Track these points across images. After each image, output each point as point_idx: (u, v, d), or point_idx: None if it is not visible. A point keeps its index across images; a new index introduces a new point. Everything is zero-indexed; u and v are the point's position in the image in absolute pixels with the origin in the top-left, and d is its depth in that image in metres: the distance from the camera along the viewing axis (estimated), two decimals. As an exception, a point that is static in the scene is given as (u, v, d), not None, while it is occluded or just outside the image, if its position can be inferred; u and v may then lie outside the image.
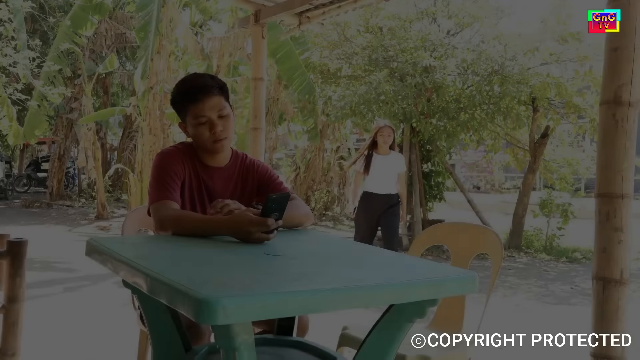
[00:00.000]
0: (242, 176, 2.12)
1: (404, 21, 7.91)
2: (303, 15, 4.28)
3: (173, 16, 9.59)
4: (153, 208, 1.89)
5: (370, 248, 1.78)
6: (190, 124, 1.97)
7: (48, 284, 5.32)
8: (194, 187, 2.02)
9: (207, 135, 1.96)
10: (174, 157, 1.99)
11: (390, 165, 5.11)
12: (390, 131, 5.11)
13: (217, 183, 2.06)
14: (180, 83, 2.01)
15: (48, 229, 9.73)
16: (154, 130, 9.62)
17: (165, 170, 1.94)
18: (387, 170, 5.10)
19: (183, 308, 1.05)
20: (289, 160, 13.66)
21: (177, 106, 2.00)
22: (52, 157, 16.02)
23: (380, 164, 5.10)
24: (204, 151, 2.03)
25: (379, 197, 5.09)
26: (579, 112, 7.49)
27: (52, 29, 13.13)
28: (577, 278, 6.46)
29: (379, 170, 5.08)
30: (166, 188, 1.91)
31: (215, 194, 2.05)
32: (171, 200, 1.90)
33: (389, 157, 5.14)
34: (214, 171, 2.06)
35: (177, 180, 1.95)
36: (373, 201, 5.09)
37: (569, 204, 8.26)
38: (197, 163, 2.04)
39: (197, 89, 1.94)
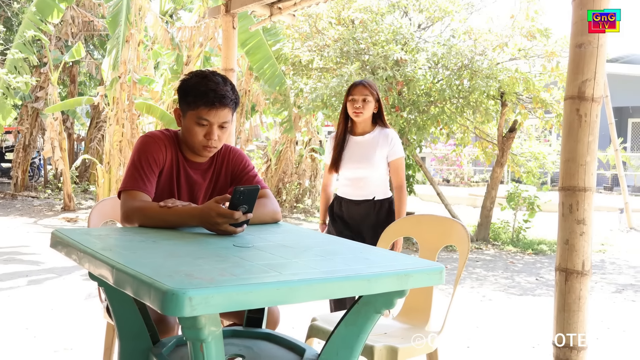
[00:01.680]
0: (217, 167, 2.13)
1: (376, 14, 7.93)
2: (274, 7, 4.26)
3: (142, 4, 9.43)
4: (123, 196, 1.87)
5: (339, 240, 1.79)
6: (190, 119, 1.94)
7: (12, 276, 5.21)
8: (173, 175, 2.02)
9: (200, 138, 1.95)
10: (157, 143, 1.97)
11: (373, 151, 3.11)
12: (366, 92, 3.07)
13: (196, 175, 2.07)
14: (202, 78, 1.93)
15: (12, 221, 9.50)
16: (121, 121, 9.46)
17: (145, 155, 1.93)
18: (367, 159, 3.11)
19: (149, 300, 1.04)
20: (260, 152, 13.60)
21: (187, 97, 1.93)
22: (17, 147, 15.63)
23: (357, 151, 3.15)
24: (189, 147, 2.02)
25: (356, 205, 3.15)
26: (546, 107, 7.63)
27: (16, 15, 12.78)
28: (542, 270, 6.61)
29: (354, 160, 3.14)
30: (141, 177, 1.89)
31: (195, 185, 2.06)
32: (142, 191, 1.88)
33: (370, 138, 3.14)
34: (192, 163, 2.06)
35: (154, 169, 1.94)
36: (347, 213, 3.19)
37: (536, 197, 8.43)
38: (179, 154, 2.03)
39: (216, 96, 1.90)
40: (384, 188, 3.19)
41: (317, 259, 1.43)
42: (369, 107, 3.10)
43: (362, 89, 3.11)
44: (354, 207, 3.17)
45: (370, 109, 3.11)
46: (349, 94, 3.12)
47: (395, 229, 2.50)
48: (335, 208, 3.27)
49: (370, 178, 3.13)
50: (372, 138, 3.15)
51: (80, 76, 17.66)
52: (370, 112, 3.12)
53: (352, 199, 3.18)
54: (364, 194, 3.14)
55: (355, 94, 3.10)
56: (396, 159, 3.15)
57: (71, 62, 13.66)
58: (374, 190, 3.15)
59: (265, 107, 11.46)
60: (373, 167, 3.11)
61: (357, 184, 3.16)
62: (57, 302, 4.40)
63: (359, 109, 3.08)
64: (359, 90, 3.10)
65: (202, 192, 2.09)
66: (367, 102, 3.08)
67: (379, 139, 3.14)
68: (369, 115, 3.12)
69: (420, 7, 8.41)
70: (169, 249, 1.45)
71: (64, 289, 4.83)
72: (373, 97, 3.11)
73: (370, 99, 3.09)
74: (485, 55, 7.42)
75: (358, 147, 3.16)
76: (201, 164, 2.08)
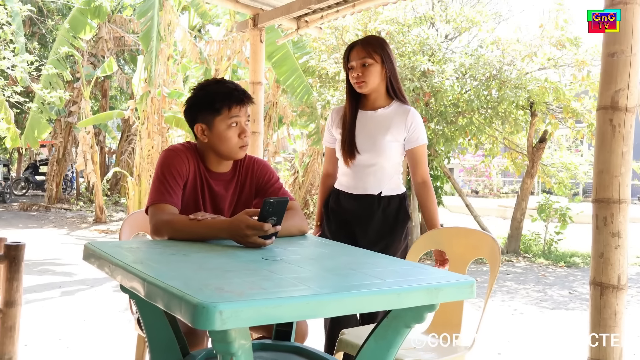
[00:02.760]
0: (241, 179, 2.12)
1: (402, 25, 7.93)
2: (301, 20, 4.29)
3: (171, 20, 9.61)
4: (151, 210, 1.88)
5: (368, 253, 1.78)
6: (221, 125, 1.94)
7: (45, 287, 5.31)
8: (197, 187, 2.02)
9: (235, 140, 1.97)
10: (180, 155, 1.98)
11: (383, 131, 2.41)
12: (363, 54, 2.37)
13: (218, 187, 2.06)
14: (216, 83, 1.98)
15: (46, 232, 9.71)
16: (152, 134, 9.62)
17: (169, 169, 1.93)
18: (374, 140, 2.42)
19: (180, 313, 1.05)
20: (288, 164, 13.67)
21: (214, 104, 1.93)
22: (51, 160, 16.02)
23: (363, 130, 2.45)
24: (221, 155, 2.01)
25: (355, 201, 2.48)
26: (577, 117, 7.51)
27: (50, 32, 13.14)
28: (575, 283, 6.46)
29: (358, 140, 2.44)
30: (167, 190, 1.90)
31: (218, 197, 2.05)
32: (170, 204, 1.88)
33: (382, 115, 2.45)
34: (214, 175, 2.06)
35: (179, 182, 1.94)
36: (344, 209, 2.51)
37: (567, 209, 8.28)
38: (201, 164, 2.04)
39: (242, 92, 1.95)
40: (395, 182, 2.48)
41: (346, 272, 1.42)
42: (372, 72, 2.37)
43: (359, 50, 2.39)
44: (353, 203, 2.47)
45: (375, 75, 2.38)
46: (347, 60, 2.45)
47: (424, 241, 2.47)
48: (331, 203, 2.57)
49: (378, 167, 2.42)
50: (385, 115, 2.43)
51: (112, 90, 18.05)
52: (377, 79, 2.39)
53: (351, 193, 2.49)
54: (366, 187, 2.45)
55: (352, 59, 2.41)
56: (417, 146, 2.43)
57: (103, 77, 13.96)
58: (380, 182, 2.44)
59: (292, 119, 11.53)
60: (382, 153, 2.40)
61: (360, 173, 2.45)
62: (89, 313, 4.47)
63: (360, 77, 2.38)
64: (356, 53, 2.40)
65: (227, 204, 2.08)
66: (369, 67, 2.36)
67: (393, 117, 2.41)
68: (375, 83, 2.39)
69: (447, 17, 8.39)
70: (199, 262, 1.46)
71: (95, 301, 4.90)
72: (376, 60, 2.37)
73: (371, 61, 2.36)
74: (513, 65, 7.35)
75: (365, 124, 2.45)
76: (224, 174, 2.07)
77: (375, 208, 2.43)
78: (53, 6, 13.12)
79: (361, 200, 2.46)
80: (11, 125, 9.31)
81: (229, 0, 4.10)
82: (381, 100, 2.46)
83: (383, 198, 2.44)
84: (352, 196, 2.48)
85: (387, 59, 2.40)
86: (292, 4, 4.00)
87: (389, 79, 2.42)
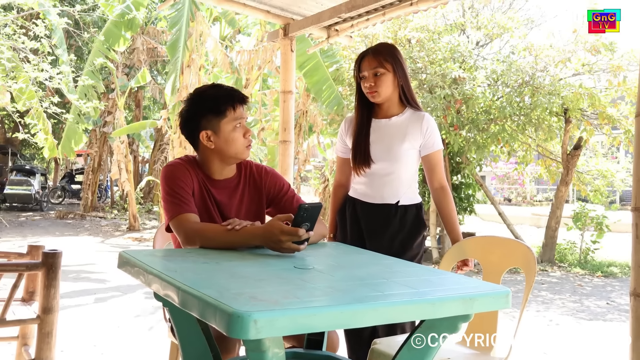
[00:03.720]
0: (248, 186, 2.11)
1: (433, 33, 7.89)
2: (331, 29, 4.31)
3: (203, 30, 9.75)
4: (175, 223, 1.87)
5: (400, 262, 1.76)
6: (227, 128, 1.95)
7: (80, 293, 5.41)
8: (202, 198, 2.01)
9: (242, 140, 1.98)
10: (181, 169, 1.98)
11: (399, 139, 2.38)
12: (375, 64, 2.35)
13: (223, 195, 2.05)
14: (213, 87, 2.02)
15: (81, 240, 9.91)
16: (185, 143, 9.75)
17: (176, 182, 1.93)
18: (389, 148, 2.39)
19: (214, 322, 1.05)
20: (318, 172, 13.68)
21: (219, 107, 1.95)
22: (87, 169, 16.39)
23: (378, 138, 2.42)
24: (227, 159, 2.01)
25: (372, 211, 2.44)
26: (613, 123, 7.34)
27: (86, 44, 13.47)
28: (614, 293, 6.29)
29: (374, 149, 2.41)
30: (182, 201, 1.90)
31: (222, 205, 2.04)
32: (191, 212, 1.89)
33: (396, 122, 2.42)
34: (218, 183, 2.05)
35: (189, 191, 1.94)
36: (360, 219, 2.48)
37: (604, 217, 8.08)
38: (203, 175, 2.03)
39: (238, 92, 1.99)
40: (412, 191, 2.45)
41: (379, 282, 1.40)
42: (385, 82, 2.34)
43: (371, 60, 2.36)
44: (370, 212, 2.44)
45: (387, 84, 2.35)
46: (358, 69, 2.41)
47: (457, 250, 2.44)
48: (348, 211, 2.51)
49: (394, 175, 2.39)
50: (400, 122, 2.40)
51: (145, 100, 18.39)
52: (389, 88, 2.36)
53: (368, 202, 2.44)
54: (384, 196, 2.41)
55: (364, 69, 2.38)
56: (433, 152, 2.40)
57: (136, 87, 14.24)
58: (398, 191, 2.40)
59: (322, 128, 11.55)
60: (399, 161, 2.38)
61: (376, 182, 2.42)
62: (123, 320, 4.54)
63: (373, 87, 2.35)
64: (368, 63, 2.37)
65: (233, 213, 2.05)
66: (381, 76, 2.33)
67: (408, 124, 2.38)
68: (388, 92, 2.36)
69: (478, 24, 8.32)
70: (231, 270, 1.46)
71: (129, 307, 4.98)
72: (388, 69, 2.34)
73: (382, 71, 2.33)
74: (547, 71, 7.24)
75: (380, 133, 2.41)
76: (228, 180, 2.06)
77: (392, 217, 2.40)
78: (89, 19, 13.46)
79: (378, 210, 2.42)
80: (49, 136, 9.55)
81: (260, 11, 4.14)
82: (395, 108, 2.43)
83: (400, 207, 2.41)
84: (369, 205, 2.44)
85: (398, 67, 2.37)
86: (322, 13, 4.03)
87: (401, 86, 2.39)
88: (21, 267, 2.26)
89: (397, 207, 2.40)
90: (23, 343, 2.61)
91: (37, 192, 16.06)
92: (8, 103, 8.18)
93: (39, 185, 16.53)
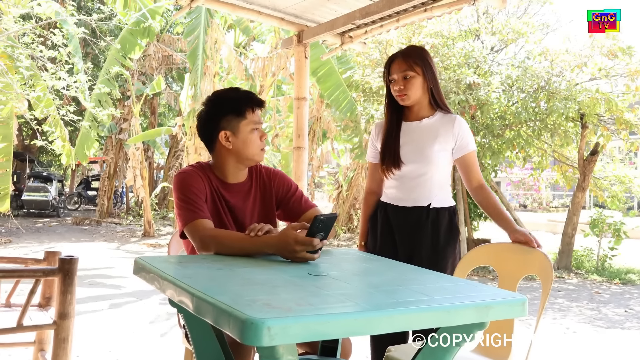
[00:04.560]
0: (260, 189, 2.13)
1: (447, 39, 7.87)
2: (345, 35, 4.31)
3: (217, 38, 9.81)
4: (190, 229, 1.88)
5: (414, 269, 1.75)
6: (245, 129, 2.00)
7: (95, 299, 5.45)
8: (217, 203, 2.03)
9: (258, 142, 2.03)
10: (194, 176, 2.00)
11: (430, 141, 2.35)
12: (405, 67, 2.33)
13: (236, 199, 2.06)
14: (232, 90, 2.07)
15: (97, 246, 9.99)
16: (200, 150, 9.81)
17: (190, 189, 1.95)
18: (421, 151, 2.35)
19: (228, 328, 1.05)
20: (332, 179, 13.68)
21: (240, 107, 2.00)
22: (103, 176, 16.54)
23: (409, 141, 2.39)
24: (243, 160, 2.04)
25: (403, 214, 2.38)
26: (631, 128, 7.25)
27: (102, 52, 13.62)
28: (632, 301, 6.20)
29: (405, 152, 2.37)
30: (196, 207, 1.91)
31: (236, 210, 2.06)
32: (205, 218, 1.90)
33: (427, 124, 2.39)
34: (231, 187, 2.07)
35: (202, 198, 1.96)
36: (392, 223, 2.42)
37: (622, 223, 7.97)
38: (215, 180, 2.05)
39: (258, 97, 2.03)
40: (445, 193, 2.40)
41: (393, 288, 1.40)
42: (414, 85, 2.33)
43: (400, 63, 2.35)
44: (401, 216, 2.39)
45: (417, 87, 2.33)
46: (388, 72, 2.41)
47: (472, 257, 2.42)
48: (379, 216, 2.47)
49: (427, 177, 2.35)
50: (431, 124, 2.37)
51: (160, 107, 18.54)
52: (419, 91, 2.34)
53: (399, 205, 2.40)
54: (415, 199, 2.36)
55: (393, 72, 2.37)
56: (467, 153, 2.37)
57: (152, 94, 14.36)
58: (429, 194, 2.35)
59: (336, 134, 11.55)
60: (430, 163, 2.34)
61: (407, 185, 2.38)
62: (138, 325, 4.56)
63: (402, 90, 2.34)
64: (397, 66, 2.35)
65: (247, 216, 2.07)
66: (411, 79, 2.32)
67: (439, 126, 2.36)
68: (417, 95, 2.35)
69: (493, 29, 8.28)
70: (246, 277, 1.46)
71: (144, 313, 5.00)
72: (417, 72, 2.33)
73: (412, 74, 2.32)
74: (562, 76, 7.18)
75: (411, 135, 2.39)
76: (241, 184, 2.08)
77: (423, 221, 2.33)
78: (105, 27, 13.61)
79: (409, 213, 2.36)
80: (66, 143, 9.65)
81: (275, 18, 4.16)
82: (425, 111, 2.40)
83: (432, 210, 2.34)
84: (400, 209, 2.39)
85: (428, 70, 2.35)
86: (336, 20, 4.03)
87: (431, 89, 2.36)
88: (38, 273, 2.28)
89: (428, 210, 2.34)
90: (40, 348, 2.63)
91: (54, 199, 16.23)
92: (26, 111, 8.29)
93: (55, 191, 16.70)
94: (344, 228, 12.22)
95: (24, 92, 7.71)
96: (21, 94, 7.60)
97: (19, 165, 17.51)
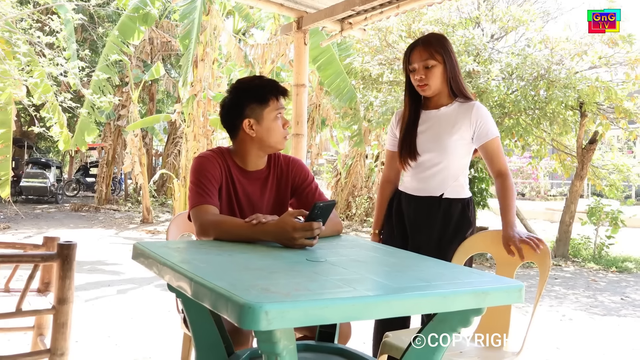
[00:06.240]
0: (277, 177, 2.15)
1: (447, 26, 7.83)
2: (345, 22, 4.29)
3: (217, 24, 9.76)
4: (194, 213, 1.92)
5: (413, 255, 1.76)
6: (269, 116, 2.01)
7: (95, 285, 5.47)
8: (231, 190, 2.05)
9: (281, 130, 2.05)
10: (212, 161, 2.02)
11: (448, 129, 2.31)
12: (426, 55, 2.28)
13: (254, 186, 2.09)
14: (257, 78, 2.08)
15: (95, 232, 10.00)
16: (198, 137, 9.80)
17: (204, 174, 1.98)
18: (438, 139, 2.32)
19: (226, 313, 1.06)
20: (330, 166, 13.68)
21: (265, 95, 2.01)
22: (101, 162, 16.52)
23: (426, 129, 2.37)
24: (266, 148, 2.06)
25: (415, 203, 2.38)
26: (630, 117, 7.24)
27: (101, 38, 13.55)
28: (628, 289, 6.23)
29: (421, 140, 2.36)
30: (206, 192, 1.94)
31: (253, 197, 2.08)
32: (211, 204, 1.93)
33: (445, 113, 2.35)
34: (250, 175, 2.09)
35: (215, 184, 1.99)
36: (403, 213, 2.43)
37: (619, 212, 8.00)
38: (234, 167, 2.07)
39: (282, 86, 2.05)
40: (459, 185, 2.35)
41: (392, 274, 1.40)
42: (435, 74, 2.28)
43: (421, 51, 2.29)
44: (412, 205, 2.37)
45: (437, 76, 2.29)
46: (408, 61, 2.35)
47: (470, 244, 2.43)
48: (394, 206, 2.48)
49: (442, 166, 2.32)
50: (449, 113, 2.33)
51: (159, 94, 18.48)
52: (439, 80, 2.30)
53: (412, 194, 2.39)
54: (428, 188, 2.34)
55: (414, 61, 2.32)
56: (489, 140, 2.28)
57: (150, 81, 14.30)
58: (443, 184, 2.32)
59: (335, 121, 11.55)
60: (447, 152, 2.30)
61: (422, 174, 2.36)
62: (137, 311, 4.58)
63: (423, 80, 2.29)
64: (418, 55, 2.30)
65: (264, 204, 2.10)
66: (432, 69, 2.28)
67: (457, 114, 2.31)
68: (438, 85, 2.31)
69: (494, 17, 8.24)
70: (244, 263, 1.47)
71: (142, 299, 5.02)
72: (439, 60, 2.28)
73: (433, 62, 2.27)
74: (562, 65, 7.15)
75: (429, 123, 2.36)
76: (260, 172, 2.10)
77: (435, 211, 2.32)
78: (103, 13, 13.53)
79: (421, 202, 2.35)
80: (64, 129, 9.63)
81: (274, 4, 4.14)
82: (444, 99, 2.36)
83: (444, 200, 2.32)
84: (413, 197, 2.38)
85: (448, 58, 2.30)
86: (336, 6, 4.01)
87: (450, 78, 2.32)
88: (37, 259, 2.28)
89: (440, 200, 2.32)
90: (39, 333, 2.64)
91: (53, 185, 16.22)
92: (24, 97, 8.26)
93: (54, 178, 16.69)
94: (342, 216, 12.24)
95: (22, 78, 7.67)
96: (19, 79, 7.56)
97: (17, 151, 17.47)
